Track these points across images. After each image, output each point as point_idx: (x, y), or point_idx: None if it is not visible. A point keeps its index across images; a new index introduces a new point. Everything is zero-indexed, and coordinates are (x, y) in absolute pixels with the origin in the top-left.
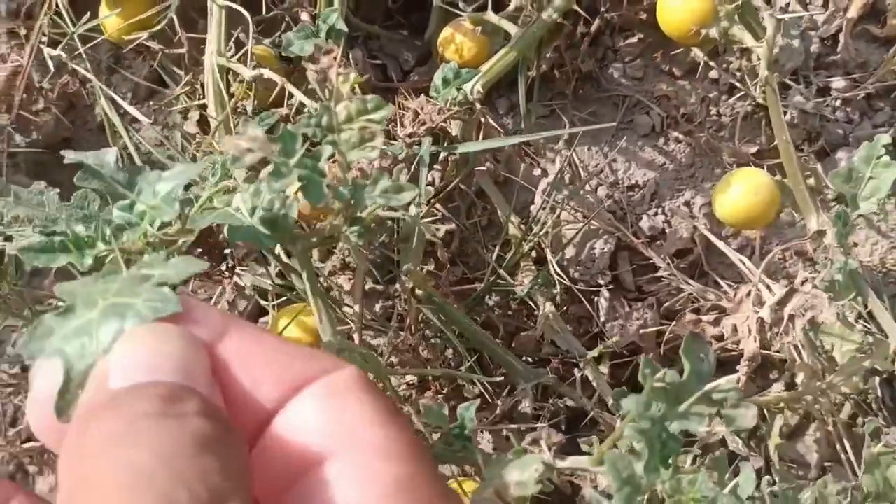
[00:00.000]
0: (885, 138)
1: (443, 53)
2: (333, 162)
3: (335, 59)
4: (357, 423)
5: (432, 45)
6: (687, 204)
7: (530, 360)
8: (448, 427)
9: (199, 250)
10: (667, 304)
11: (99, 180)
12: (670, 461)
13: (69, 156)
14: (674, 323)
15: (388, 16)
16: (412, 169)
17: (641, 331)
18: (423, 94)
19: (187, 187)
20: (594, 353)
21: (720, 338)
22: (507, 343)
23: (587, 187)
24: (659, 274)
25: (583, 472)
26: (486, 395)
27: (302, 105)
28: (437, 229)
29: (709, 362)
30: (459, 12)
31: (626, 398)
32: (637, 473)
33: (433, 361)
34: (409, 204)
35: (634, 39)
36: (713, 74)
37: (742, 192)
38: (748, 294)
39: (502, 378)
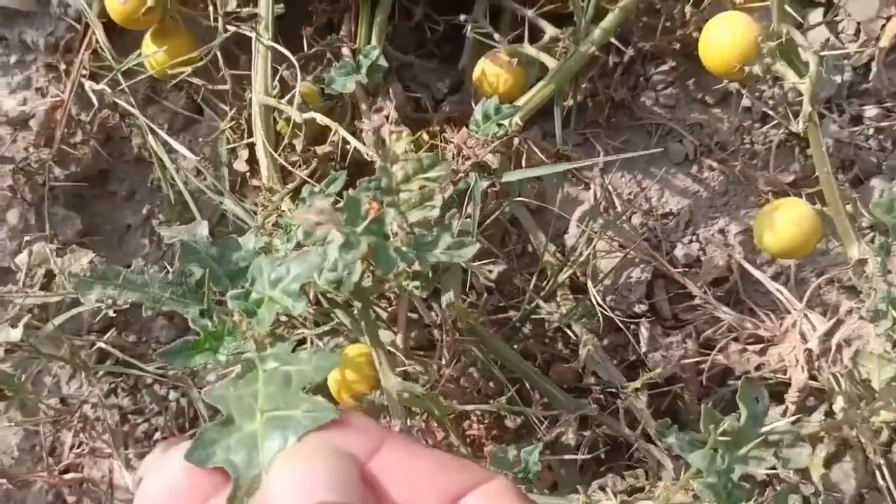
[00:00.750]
0: None
1: (478, 85)
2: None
3: (387, 117)
4: None
5: (465, 75)
6: (721, 232)
7: (568, 389)
8: (514, 472)
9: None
10: (705, 332)
11: (197, 258)
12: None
13: (166, 234)
14: (715, 352)
15: (420, 44)
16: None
17: (683, 361)
18: (463, 128)
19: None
20: (637, 383)
21: (758, 367)
22: (544, 372)
23: (624, 218)
24: (695, 302)
25: None
26: (526, 426)
27: (346, 142)
28: (490, 271)
29: (763, 404)
30: (494, 44)
31: (693, 454)
32: None
33: (472, 392)
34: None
35: (666, 67)
36: (746, 102)
37: (786, 222)
38: (793, 324)
39: (555, 411)
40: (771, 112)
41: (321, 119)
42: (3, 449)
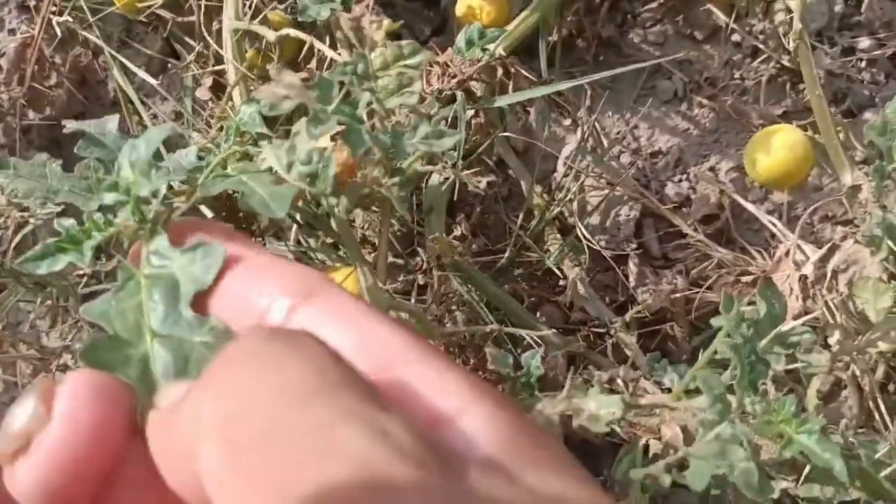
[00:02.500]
0: None
1: (462, 19)
2: (371, 115)
3: (367, 6)
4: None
5: (448, 14)
6: (712, 169)
7: (556, 331)
8: (515, 375)
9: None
10: (694, 270)
11: (101, 149)
12: (758, 384)
13: (69, 125)
14: (706, 286)
15: None
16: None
17: (673, 296)
18: (449, 49)
19: (200, 158)
20: (626, 317)
21: (752, 302)
22: (533, 314)
23: (610, 154)
24: (685, 241)
25: (662, 407)
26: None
27: (319, 68)
28: (479, 181)
29: (781, 306)
30: None
31: (715, 317)
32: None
33: (458, 333)
34: (447, 162)
35: (654, 4)
36: (735, 38)
37: (778, 148)
38: (786, 254)
39: (541, 345)
40: (761, 46)
41: (295, 34)
42: None
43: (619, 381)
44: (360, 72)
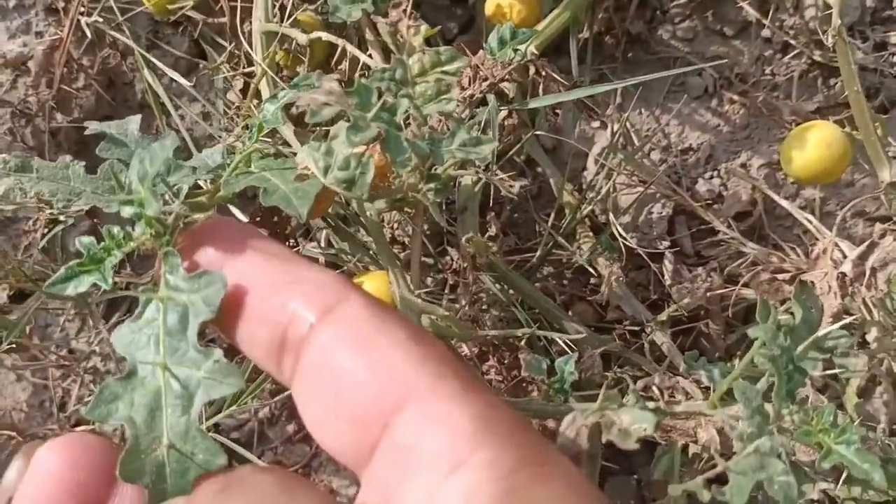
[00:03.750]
0: None
1: (491, 18)
2: (406, 120)
3: (405, 11)
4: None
5: (477, 12)
6: (743, 166)
7: (589, 329)
8: (549, 381)
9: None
10: (728, 268)
11: (122, 150)
12: (796, 394)
13: (91, 126)
14: (741, 283)
15: None
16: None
17: (709, 293)
18: (481, 51)
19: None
20: (663, 315)
21: (787, 300)
22: (565, 313)
23: (643, 152)
24: (718, 238)
25: (697, 415)
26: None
27: (352, 70)
28: (512, 185)
29: (817, 310)
30: None
31: (751, 327)
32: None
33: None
34: (482, 164)
35: (683, 0)
36: (766, 33)
37: (815, 145)
38: (823, 251)
39: (584, 335)
40: (793, 41)
41: (326, 37)
42: (12, 405)
43: (654, 388)
44: (398, 77)
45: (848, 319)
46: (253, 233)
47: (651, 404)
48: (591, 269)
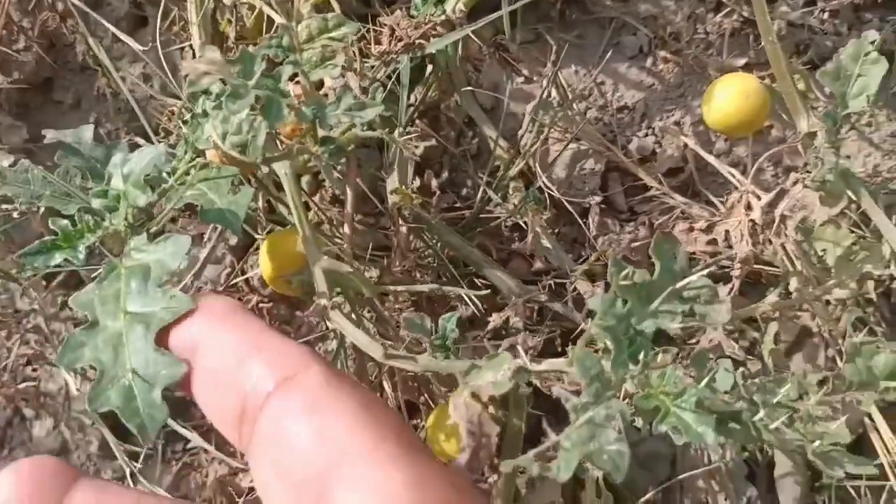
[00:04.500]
0: (873, 34)
1: None
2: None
3: None
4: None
5: None
6: (677, 124)
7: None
8: (430, 338)
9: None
10: (658, 222)
11: (78, 158)
12: (640, 357)
13: (49, 135)
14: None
15: None
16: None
17: (633, 244)
18: (398, 11)
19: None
20: (584, 265)
21: (713, 254)
22: (503, 268)
23: (576, 109)
24: (650, 194)
25: (559, 373)
26: (479, 314)
27: None
28: (416, 146)
29: (680, 260)
30: None
31: (593, 298)
32: (605, 370)
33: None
34: (391, 125)
35: None
36: None
37: (732, 96)
38: (739, 200)
39: (489, 291)
40: (724, 0)
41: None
42: None
43: (518, 346)
44: (284, 45)
45: (715, 259)
46: (235, 309)
47: (508, 357)
48: (523, 225)
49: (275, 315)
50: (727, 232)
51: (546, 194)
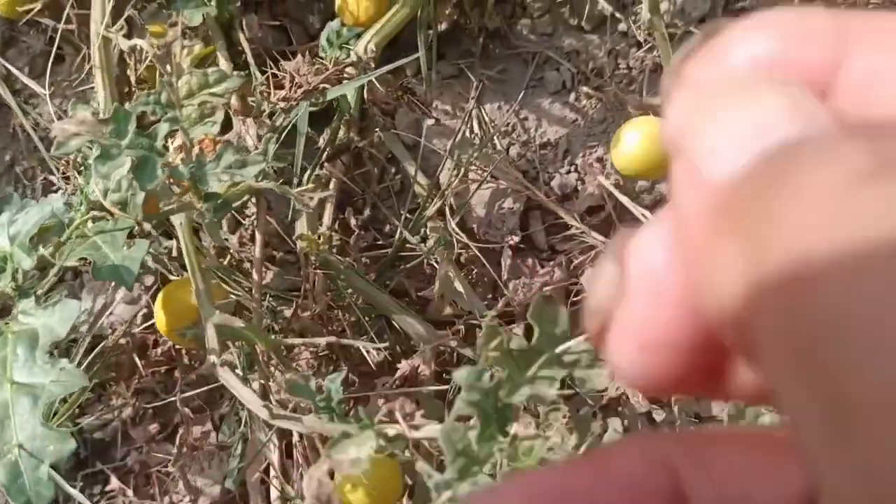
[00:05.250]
0: None
1: (340, 15)
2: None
3: (184, 32)
4: None
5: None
6: (600, 160)
7: (440, 324)
8: (315, 400)
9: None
10: (575, 262)
11: None
12: (509, 429)
13: None
14: (580, 277)
15: None
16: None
17: (546, 288)
18: (303, 56)
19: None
20: (493, 311)
21: None
22: (421, 310)
23: (498, 147)
24: (571, 232)
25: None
26: (390, 363)
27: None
28: (311, 198)
29: (562, 324)
30: None
31: (459, 370)
32: (472, 444)
33: (336, 331)
34: (291, 176)
35: None
36: (622, 27)
37: (640, 140)
38: None
39: (386, 345)
40: (645, 35)
41: (142, 43)
42: None
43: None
44: (163, 101)
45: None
46: None
47: (392, 430)
48: (435, 265)
49: (194, 356)
50: None
51: (465, 233)
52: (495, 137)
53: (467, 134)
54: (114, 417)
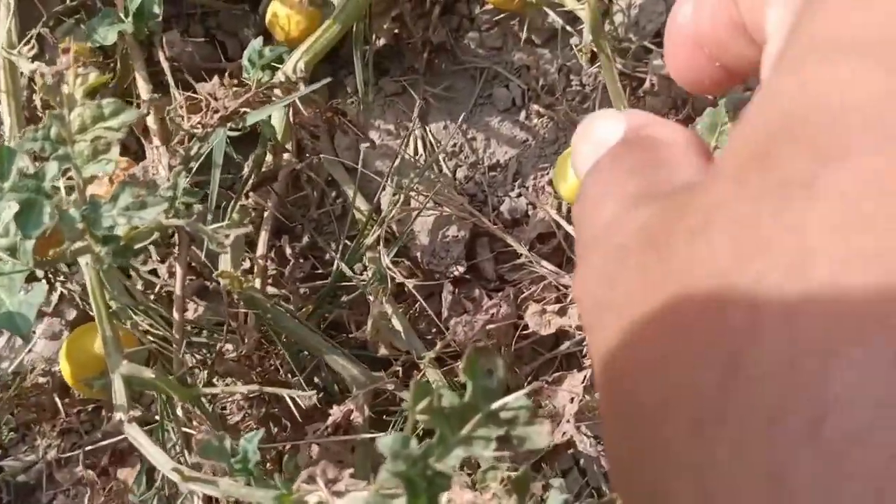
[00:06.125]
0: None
1: (271, 30)
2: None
3: (76, 59)
4: None
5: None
6: (551, 183)
7: (386, 362)
8: (230, 462)
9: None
10: (522, 296)
11: None
12: (440, 498)
13: None
14: (518, 315)
15: None
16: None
17: (490, 326)
18: (216, 78)
19: None
20: (431, 353)
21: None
22: (362, 344)
23: (444, 169)
24: (521, 260)
25: None
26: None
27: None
28: (227, 235)
29: (498, 377)
30: None
31: (383, 438)
32: None
33: (268, 370)
34: (203, 211)
35: (491, 6)
36: (575, 41)
37: None
38: None
39: (314, 393)
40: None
41: (44, 68)
42: None
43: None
44: (53, 137)
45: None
46: None
47: (314, 498)
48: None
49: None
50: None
51: (410, 261)
52: (441, 158)
53: (411, 155)
54: (38, 459)
